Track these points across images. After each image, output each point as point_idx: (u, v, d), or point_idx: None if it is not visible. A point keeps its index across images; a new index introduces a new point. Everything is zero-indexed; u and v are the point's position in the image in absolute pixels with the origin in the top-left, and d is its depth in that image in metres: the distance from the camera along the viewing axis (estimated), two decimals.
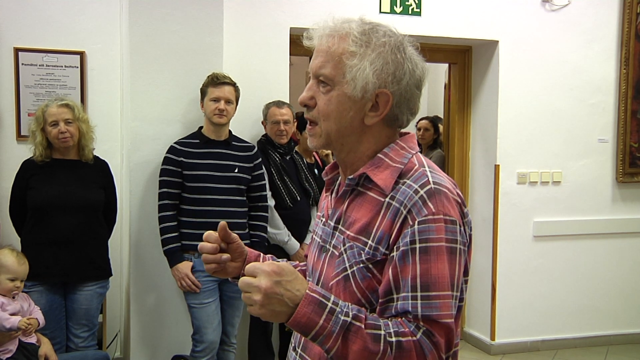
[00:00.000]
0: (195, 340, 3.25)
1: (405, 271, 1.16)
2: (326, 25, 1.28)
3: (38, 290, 3.01)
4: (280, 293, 1.09)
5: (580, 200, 4.57)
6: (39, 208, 3.03)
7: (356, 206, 1.29)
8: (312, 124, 1.30)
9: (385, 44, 1.25)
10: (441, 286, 1.15)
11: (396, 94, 1.25)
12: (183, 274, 3.16)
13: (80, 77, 3.76)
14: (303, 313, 1.10)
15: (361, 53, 1.23)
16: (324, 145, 1.30)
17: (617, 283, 4.67)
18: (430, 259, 1.16)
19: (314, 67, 1.28)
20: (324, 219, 1.38)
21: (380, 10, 4.08)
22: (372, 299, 1.22)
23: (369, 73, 1.22)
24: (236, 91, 3.30)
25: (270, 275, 1.10)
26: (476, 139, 4.64)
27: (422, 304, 1.14)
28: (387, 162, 1.27)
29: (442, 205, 1.18)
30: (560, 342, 4.57)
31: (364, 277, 1.22)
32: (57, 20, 3.74)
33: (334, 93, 1.25)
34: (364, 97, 1.24)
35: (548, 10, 4.43)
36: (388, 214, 1.21)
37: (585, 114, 4.54)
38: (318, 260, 1.36)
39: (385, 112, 1.26)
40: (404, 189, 1.22)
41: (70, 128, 3.04)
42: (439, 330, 1.14)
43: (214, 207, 3.20)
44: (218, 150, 3.27)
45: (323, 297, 1.12)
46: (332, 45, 1.25)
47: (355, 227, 1.26)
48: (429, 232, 1.16)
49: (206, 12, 3.46)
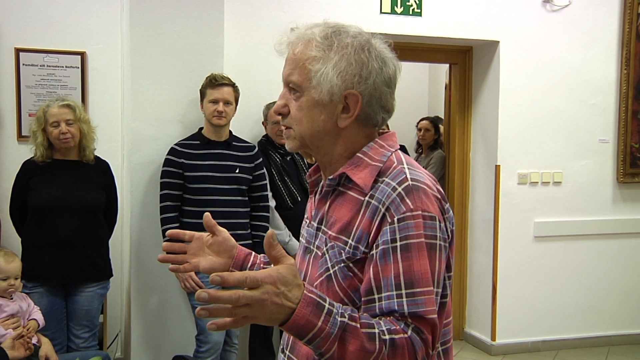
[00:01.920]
0: (200, 341, 3.25)
1: (387, 270, 1.16)
2: (292, 33, 1.30)
3: (39, 291, 3.01)
4: (279, 303, 1.03)
5: (581, 200, 4.57)
6: (40, 209, 3.03)
7: (337, 206, 1.29)
8: (287, 128, 1.32)
9: (348, 45, 1.25)
10: (425, 282, 1.15)
11: (365, 94, 1.25)
12: (187, 275, 3.16)
13: (81, 77, 3.76)
14: (302, 315, 1.05)
15: (324, 57, 1.24)
16: (299, 147, 1.32)
17: (618, 283, 4.67)
18: (411, 255, 1.15)
19: (284, 75, 1.30)
20: (308, 220, 1.40)
21: (381, 11, 4.08)
22: (354, 297, 1.22)
23: (332, 76, 1.23)
24: (235, 92, 3.29)
25: (272, 288, 1.03)
26: (477, 139, 4.64)
27: (408, 301, 1.14)
28: (367, 160, 1.27)
29: (420, 201, 1.18)
30: (561, 342, 4.57)
31: (345, 277, 1.22)
32: (58, 21, 3.74)
33: (304, 99, 1.26)
34: (333, 100, 1.25)
35: (549, 10, 4.42)
36: (367, 212, 1.22)
37: (586, 114, 4.54)
38: (302, 260, 1.36)
39: (356, 113, 1.26)
40: (382, 187, 1.22)
41: (72, 129, 3.04)
42: (426, 327, 1.14)
43: (215, 208, 3.19)
44: (219, 150, 3.27)
45: (320, 297, 1.09)
46: (297, 52, 1.26)
47: (337, 226, 1.26)
48: (408, 229, 1.16)
49: (207, 12, 3.46)
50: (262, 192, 3.41)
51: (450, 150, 4.80)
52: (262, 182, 3.41)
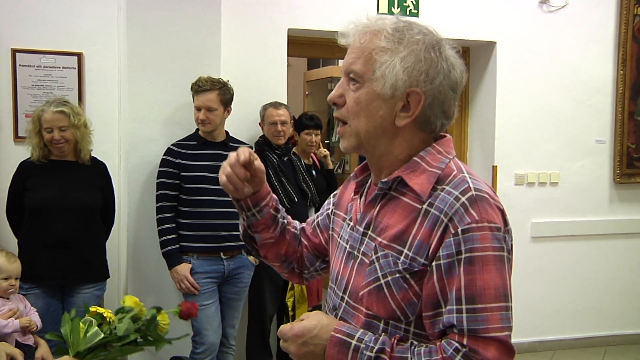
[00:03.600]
0: (196, 342, 3.25)
1: (452, 283, 1.12)
2: (360, 22, 1.25)
3: (35, 293, 3.00)
4: (310, 350, 1.18)
5: (577, 201, 4.57)
6: (36, 210, 3.02)
7: (388, 211, 1.23)
8: (342, 124, 1.26)
9: (419, 41, 1.20)
10: (488, 298, 1.10)
11: (429, 94, 1.20)
12: (182, 276, 3.15)
13: (78, 78, 3.75)
14: (331, 355, 1.16)
15: (393, 49, 1.19)
16: (355, 147, 1.25)
17: (615, 284, 4.68)
18: (474, 269, 1.11)
19: (346, 63, 1.24)
20: (352, 223, 1.33)
21: (378, 11, 4.08)
22: (407, 311, 1.18)
23: (399, 70, 1.18)
24: (222, 94, 3.22)
25: (294, 340, 1.20)
26: (474, 140, 4.64)
27: (468, 317, 1.10)
28: (424, 166, 1.21)
29: (485, 212, 1.14)
30: (558, 342, 4.58)
31: (400, 288, 1.17)
32: (54, 22, 3.72)
33: (363, 90, 1.21)
34: (394, 96, 1.19)
35: (545, 11, 4.43)
36: (426, 222, 1.16)
37: (583, 115, 4.55)
38: (345, 266, 1.30)
39: (416, 113, 1.20)
40: (444, 195, 1.16)
41: (66, 134, 3.02)
42: (486, 346, 1.09)
43: (212, 209, 3.19)
44: (215, 151, 3.27)
45: (347, 335, 1.15)
46: (364, 42, 1.21)
47: (388, 234, 1.21)
48: (473, 241, 1.11)
49: (204, 13, 3.46)
50: None
51: None
52: None
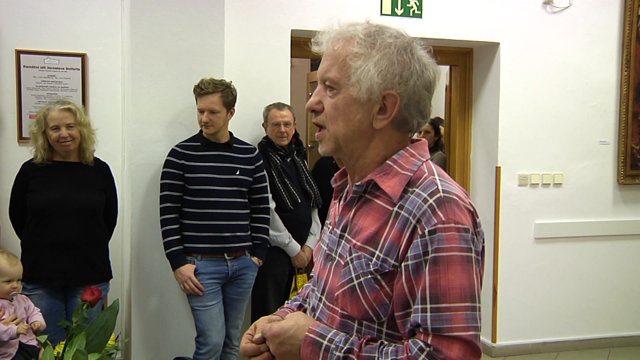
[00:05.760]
0: (199, 342, 3.25)
1: (418, 283, 1.14)
2: (332, 29, 1.27)
3: (38, 294, 3.01)
4: (287, 349, 1.24)
5: (581, 202, 4.56)
6: (39, 211, 3.03)
7: (363, 214, 1.26)
8: (321, 129, 1.28)
9: (391, 45, 1.22)
10: (452, 297, 1.12)
11: (404, 95, 1.22)
12: (186, 277, 3.15)
13: (82, 79, 3.76)
14: (305, 355, 1.21)
15: (366, 54, 1.22)
16: (333, 151, 1.28)
17: (619, 285, 4.66)
18: (439, 269, 1.12)
19: (321, 71, 1.27)
20: (331, 227, 1.36)
21: (382, 12, 4.08)
22: (379, 311, 1.20)
23: (373, 74, 1.20)
24: (224, 97, 3.20)
25: (272, 340, 1.26)
26: (477, 141, 4.64)
27: (432, 316, 1.12)
28: (396, 169, 1.24)
29: (452, 213, 1.15)
30: (561, 344, 4.56)
31: (372, 289, 1.20)
32: (58, 23, 3.74)
33: (340, 96, 1.24)
34: (371, 100, 1.22)
35: (549, 12, 4.42)
36: (397, 223, 1.18)
37: (587, 116, 4.54)
38: (324, 268, 1.34)
39: (393, 114, 1.23)
40: (413, 197, 1.19)
41: (72, 132, 3.04)
42: (450, 345, 1.10)
43: (216, 210, 3.19)
44: (219, 152, 3.27)
45: (320, 335, 1.20)
46: (338, 48, 1.24)
47: (362, 236, 1.23)
48: (440, 242, 1.13)
49: (207, 14, 3.46)
50: (263, 194, 3.40)
51: (450, 151, 4.80)
52: (263, 184, 3.41)
